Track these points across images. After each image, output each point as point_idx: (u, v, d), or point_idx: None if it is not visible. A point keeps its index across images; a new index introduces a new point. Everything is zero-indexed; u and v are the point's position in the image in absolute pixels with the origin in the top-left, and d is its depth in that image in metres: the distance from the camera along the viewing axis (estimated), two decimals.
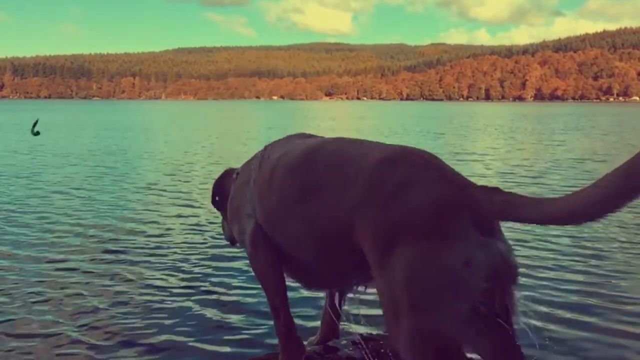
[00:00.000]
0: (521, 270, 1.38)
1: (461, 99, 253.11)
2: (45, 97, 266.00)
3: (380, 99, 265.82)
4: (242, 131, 28.58)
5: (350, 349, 2.77)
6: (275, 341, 2.53)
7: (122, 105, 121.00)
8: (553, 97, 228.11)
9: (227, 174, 2.42)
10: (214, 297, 4.31)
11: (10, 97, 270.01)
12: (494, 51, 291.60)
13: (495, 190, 1.18)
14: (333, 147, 1.53)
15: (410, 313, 1.11)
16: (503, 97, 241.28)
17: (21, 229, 6.43)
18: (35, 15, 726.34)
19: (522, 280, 1.47)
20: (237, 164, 2.73)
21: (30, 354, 3.29)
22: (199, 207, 7.98)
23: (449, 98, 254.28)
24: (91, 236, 6.23)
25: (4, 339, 3.48)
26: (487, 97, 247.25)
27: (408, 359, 1.11)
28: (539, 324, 3.28)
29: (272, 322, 2.38)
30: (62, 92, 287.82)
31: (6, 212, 7.39)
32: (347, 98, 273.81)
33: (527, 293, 3.91)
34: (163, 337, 3.52)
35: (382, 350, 2.66)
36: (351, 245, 1.28)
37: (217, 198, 2.34)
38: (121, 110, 78.05)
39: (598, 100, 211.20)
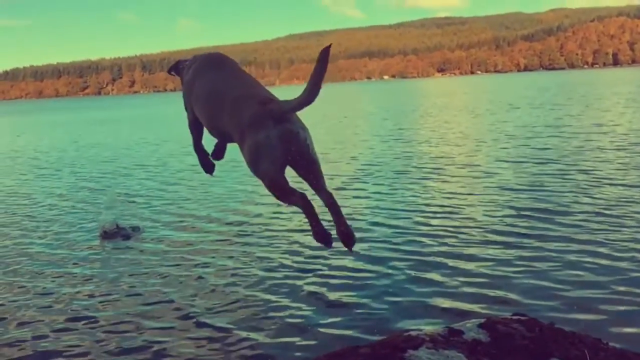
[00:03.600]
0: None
1: (585, 66, 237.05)
2: (172, 90, 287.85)
3: (495, 71, 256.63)
4: (353, 113, 31.43)
5: (475, 332, 2.84)
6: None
7: None
8: None
9: (180, 63, 2.98)
10: (323, 279, 5.28)
11: (141, 92, 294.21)
12: (621, 12, 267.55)
13: (280, 101, 2.26)
14: (225, 79, 2.54)
15: (251, 164, 2.25)
16: (634, 62, 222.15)
17: (159, 215, 8.22)
18: (157, 13, 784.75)
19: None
20: (347, 152, 6.00)
21: (161, 329, 4.42)
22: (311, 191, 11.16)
23: (572, 66, 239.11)
24: (212, 221, 7.72)
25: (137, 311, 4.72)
26: (615, 63, 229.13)
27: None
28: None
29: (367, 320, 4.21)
30: None
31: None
32: (461, 73, 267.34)
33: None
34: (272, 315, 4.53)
35: (509, 332, 2.81)
36: (226, 129, 2.42)
37: (172, 73, 3.04)
38: None
39: None
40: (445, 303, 4.75)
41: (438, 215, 7.62)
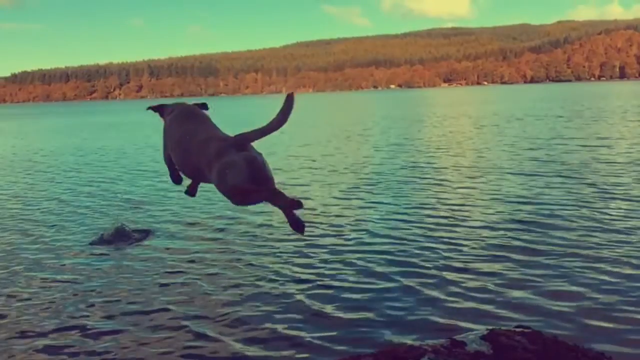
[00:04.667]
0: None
1: (592, 78, 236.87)
2: (178, 96, 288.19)
3: (502, 82, 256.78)
4: (357, 123, 31.68)
5: (478, 344, 2.85)
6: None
7: (245, 101, 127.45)
8: None
9: (164, 109, 3.36)
10: (325, 290, 5.27)
11: (148, 97, 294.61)
12: (629, 25, 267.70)
13: (240, 135, 2.67)
14: (192, 128, 2.98)
15: (220, 183, 2.61)
16: None
17: (160, 224, 8.09)
18: (167, 19, 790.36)
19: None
20: (353, 158, 6.05)
21: (135, 332, 4.45)
22: (309, 200, 9.56)
23: (578, 78, 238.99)
24: (214, 228, 7.82)
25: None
26: (622, 76, 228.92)
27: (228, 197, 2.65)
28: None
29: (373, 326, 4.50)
30: (193, 90, 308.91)
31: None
32: (467, 83, 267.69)
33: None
34: (266, 325, 4.53)
35: (511, 345, 2.81)
36: (197, 166, 2.79)
37: (152, 111, 3.44)
38: (245, 106, 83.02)
39: None
40: (448, 314, 4.74)
41: (441, 227, 7.62)
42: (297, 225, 2.78)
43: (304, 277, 5.75)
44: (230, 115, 45.75)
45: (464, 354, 2.79)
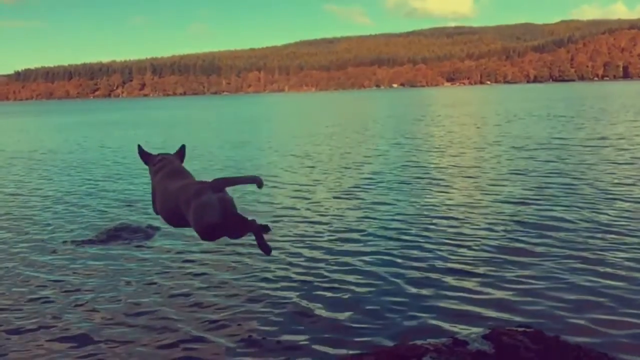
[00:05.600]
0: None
1: (596, 78, 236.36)
2: (181, 94, 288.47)
3: (505, 82, 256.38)
4: (361, 121, 31.58)
5: (480, 343, 2.86)
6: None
7: (248, 99, 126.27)
8: None
9: (150, 158, 3.94)
10: (323, 291, 5.20)
11: (151, 95, 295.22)
12: (633, 25, 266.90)
13: (216, 180, 3.20)
14: (175, 183, 3.48)
15: (197, 220, 3.07)
16: None
17: (159, 223, 7.72)
18: (170, 17, 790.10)
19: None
20: (355, 155, 5.98)
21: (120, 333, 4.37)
22: (309, 200, 9.52)
23: (582, 78, 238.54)
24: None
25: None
26: (626, 75, 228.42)
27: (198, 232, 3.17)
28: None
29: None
30: (196, 88, 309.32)
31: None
32: (470, 83, 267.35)
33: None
34: (258, 327, 4.49)
35: (513, 344, 2.81)
36: (177, 210, 3.31)
37: (140, 156, 4.01)
38: (247, 104, 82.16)
39: None
40: (449, 314, 4.73)
41: (442, 226, 7.61)
42: (265, 248, 3.22)
43: (302, 278, 5.68)
44: (233, 115, 45.52)
45: (466, 353, 2.81)
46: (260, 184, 3.14)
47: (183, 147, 4.02)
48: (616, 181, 10.28)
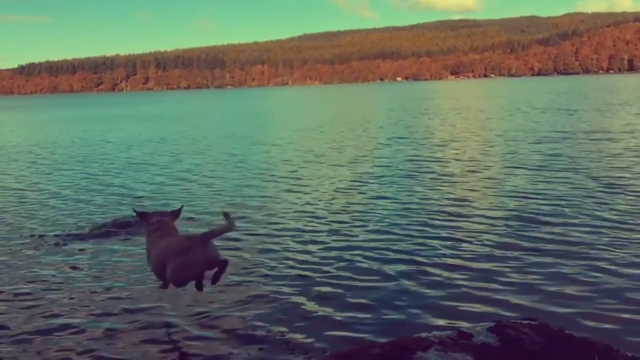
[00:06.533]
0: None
1: (600, 71, 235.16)
2: (185, 88, 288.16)
3: (509, 75, 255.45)
4: (363, 115, 31.47)
5: (485, 335, 2.87)
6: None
7: (252, 93, 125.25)
8: None
9: (146, 218, 4.49)
10: (326, 287, 5.16)
11: (155, 89, 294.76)
12: (638, 18, 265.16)
13: (206, 232, 3.94)
14: (164, 240, 4.12)
15: (171, 275, 3.90)
16: None
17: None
18: (173, 10, 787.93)
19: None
20: (355, 149, 5.95)
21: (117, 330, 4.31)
22: (310, 195, 9.41)
23: (586, 71, 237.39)
24: (200, 225, 7.27)
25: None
26: (631, 68, 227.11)
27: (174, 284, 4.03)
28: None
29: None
30: (199, 82, 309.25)
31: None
32: (474, 76, 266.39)
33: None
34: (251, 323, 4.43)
35: (518, 337, 2.81)
36: (164, 264, 3.92)
37: (136, 214, 4.59)
38: (251, 98, 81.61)
39: None
40: (455, 306, 4.73)
41: (447, 220, 7.59)
42: (216, 280, 3.99)
43: (304, 273, 5.64)
44: (236, 108, 45.47)
45: (471, 345, 2.80)
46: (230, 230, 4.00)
47: (180, 209, 4.66)
48: (620, 175, 10.22)
